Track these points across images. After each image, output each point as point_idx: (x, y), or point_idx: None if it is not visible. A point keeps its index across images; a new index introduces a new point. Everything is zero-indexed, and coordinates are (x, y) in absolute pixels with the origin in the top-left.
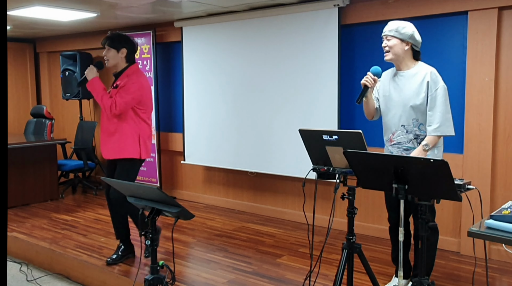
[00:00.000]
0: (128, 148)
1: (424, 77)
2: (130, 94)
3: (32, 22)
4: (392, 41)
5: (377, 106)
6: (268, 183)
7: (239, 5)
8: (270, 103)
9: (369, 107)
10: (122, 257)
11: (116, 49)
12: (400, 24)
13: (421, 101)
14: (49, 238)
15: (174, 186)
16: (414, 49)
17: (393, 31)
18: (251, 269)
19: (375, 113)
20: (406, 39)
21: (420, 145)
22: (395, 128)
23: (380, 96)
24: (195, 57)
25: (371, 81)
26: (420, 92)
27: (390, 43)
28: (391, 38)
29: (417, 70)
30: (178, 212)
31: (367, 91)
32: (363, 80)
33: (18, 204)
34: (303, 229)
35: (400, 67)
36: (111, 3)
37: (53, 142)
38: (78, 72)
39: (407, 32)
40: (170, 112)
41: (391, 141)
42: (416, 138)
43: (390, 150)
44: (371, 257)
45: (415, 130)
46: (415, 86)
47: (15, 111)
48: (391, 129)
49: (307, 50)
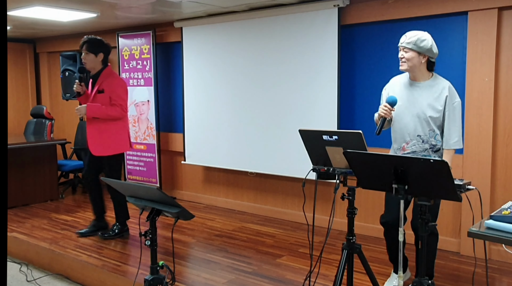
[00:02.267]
0: (120, 144)
1: (442, 91)
2: (123, 94)
3: (32, 22)
4: (410, 53)
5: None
6: (268, 183)
7: (239, 6)
8: (270, 103)
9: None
10: (92, 231)
11: (94, 53)
12: (420, 37)
13: (437, 114)
14: (49, 238)
15: (174, 186)
16: (430, 60)
17: (411, 44)
18: (251, 269)
19: (388, 127)
20: (424, 52)
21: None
22: (409, 137)
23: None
24: (195, 57)
25: (388, 112)
26: (437, 105)
27: (407, 55)
28: (408, 51)
29: (434, 83)
30: (178, 212)
31: (385, 121)
32: (381, 112)
33: (18, 204)
34: (303, 230)
35: (416, 78)
36: (111, 3)
37: (53, 142)
38: (78, 72)
39: (426, 46)
40: (170, 113)
41: (404, 150)
42: (432, 148)
43: None
44: (371, 257)
45: (431, 140)
46: (432, 98)
47: (15, 111)
48: (404, 138)
49: (307, 50)
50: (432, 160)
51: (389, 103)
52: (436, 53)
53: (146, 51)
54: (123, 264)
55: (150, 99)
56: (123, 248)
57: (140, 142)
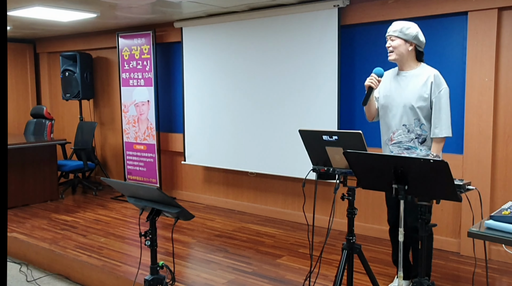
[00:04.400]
0: None
1: (428, 79)
2: None
3: (32, 23)
4: (396, 41)
5: (377, 107)
6: (268, 183)
7: (239, 6)
8: (270, 103)
9: (371, 108)
10: None
11: None
12: (405, 25)
13: (424, 103)
14: (49, 238)
15: (174, 186)
16: (418, 49)
17: (397, 32)
18: (251, 269)
19: (376, 114)
20: (410, 40)
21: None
22: (396, 127)
23: (380, 95)
24: (195, 57)
25: (375, 82)
26: (423, 93)
27: (394, 44)
28: (395, 39)
29: (420, 71)
30: (178, 212)
31: (372, 92)
32: (368, 82)
33: (18, 204)
34: (303, 230)
35: (403, 67)
36: (111, 4)
37: (53, 142)
38: (78, 73)
39: (411, 32)
40: (170, 113)
41: (392, 140)
42: (418, 137)
43: (391, 149)
44: (371, 258)
45: (417, 130)
46: (418, 87)
47: (15, 112)
48: (391, 128)
49: (307, 50)
50: (432, 160)
51: (377, 74)
52: (423, 41)
53: (146, 51)
54: (123, 264)
55: (150, 99)
56: (123, 248)
57: (140, 142)
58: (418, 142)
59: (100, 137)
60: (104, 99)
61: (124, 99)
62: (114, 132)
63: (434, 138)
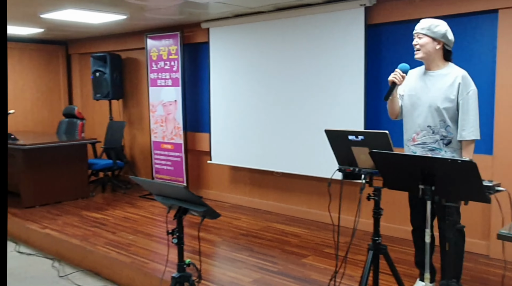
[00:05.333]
0: None
1: (455, 80)
2: None
3: (64, 25)
4: (424, 39)
5: (401, 105)
6: (293, 183)
7: (265, 6)
8: (296, 103)
9: (394, 105)
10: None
11: None
12: (433, 22)
13: (450, 104)
14: (80, 235)
15: (200, 185)
16: (446, 48)
17: (425, 29)
18: (276, 268)
19: (399, 112)
20: (438, 38)
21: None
22: (420, 128)
23: (405, 94)
24: (222, 57)
25: (399, 77)
26: (449, 95)
27: (421, 41)
28: (422, 36)
29: (448, 71)
30: (204, 211)
31: (395, 88)
32: (391, 77)
33: (51, 201)
34: (328, 230)
35: (430, 67)
36: (140, 5)
37: (84, 141)
38: (108, 73)
39: (440, 30)
40: (197, 113)
41: (415, 141)
42: (443, 139)
43: (413, 150)
44: (397, 259)
45: (442, 131)
46: (445, 87)
47: (48, 111)
48: (415, 129)
49: (333, 50)
50: (460, 160)
51: (402, 70)
52: (451, 40)
53: (174, 51)
54: (150, 261)
55: (177, 99)
56: (150, 245)
57: (168, 142)
58: (443, 143)
59: (129, 136)
60: (132, 99)
61: (152, 99)
62: (142, 132)
63: (463, 141)
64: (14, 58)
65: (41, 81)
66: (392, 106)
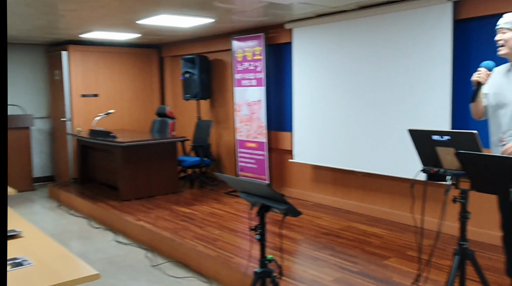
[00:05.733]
0: None
1: None
2: None
3: (158, 29)
4: (508, 34)
5: (485, 104)
6: (376, 183)
7: (348, 5)
8: (379, 102)
9: (478, 105)
10: None
11: None
12: None
13: None
14: (170, 228)
15: (282, 183)
16: None
17: (509, 23)
18: (357, 269)
19: (483, 112)
20: None
21: None
22: (506, 127)
23: (490, 93)
24: (305, 57)
25: (484, 76)
26: None
27: (505, 37)
28: (506, 31)
29: None
30: (286, 209)
31: (480, 87)
32: (475, 77)
33: (145, 196)
34: (411, 231)
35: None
36: (227, 9)
37: (174, 139)
38: (197, 74)
39: None
40: (280, 112)
41: (502, 142)
42: None
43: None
44: (485, 265)
45: None
46: None
47: (143, 111)
48: (501, 128)
49: (418, 47)
50: None
51: (485, 67)
52: None
53: (258, 52)
54: (235, 256)
55: (261, 98)
56: (235, 241)
57: (252, 140)
58: None
59: (215, 135)
60: (219, 99)
61: (237, 98)
62: (227, 130)
63: None
64: (114, 62)
65: (137, 82)
66: (476, 106)
